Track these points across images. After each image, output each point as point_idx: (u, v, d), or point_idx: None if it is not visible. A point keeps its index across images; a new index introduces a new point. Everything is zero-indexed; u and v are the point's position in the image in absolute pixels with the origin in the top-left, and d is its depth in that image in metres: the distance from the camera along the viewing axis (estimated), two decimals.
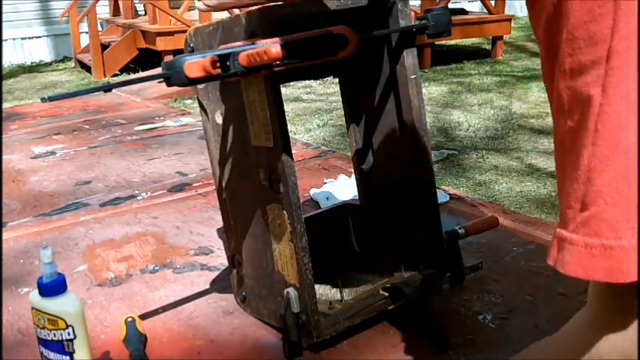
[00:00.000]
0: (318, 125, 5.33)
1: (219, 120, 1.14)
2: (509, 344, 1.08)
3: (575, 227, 0.57)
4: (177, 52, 6.85)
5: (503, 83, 6.65)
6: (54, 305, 0.93)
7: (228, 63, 0.90)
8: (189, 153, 2.36)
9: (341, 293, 1.19)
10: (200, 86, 1.15)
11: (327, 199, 1.75)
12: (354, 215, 1.40)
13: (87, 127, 2.84)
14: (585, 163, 0.55)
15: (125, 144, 2.53)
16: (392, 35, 1.17)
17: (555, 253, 0.59)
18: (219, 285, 1.35)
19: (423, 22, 1.12)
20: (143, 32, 7.61)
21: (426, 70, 7.36)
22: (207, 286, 1.35)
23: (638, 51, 0.59)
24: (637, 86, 0.54)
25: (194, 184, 2.01)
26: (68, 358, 0.94)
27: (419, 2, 7.59)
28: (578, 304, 0.79)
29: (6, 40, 8.76)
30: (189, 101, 6.01)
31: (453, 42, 8.91)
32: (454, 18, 7.19)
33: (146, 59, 7.88)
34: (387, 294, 1.15)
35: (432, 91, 6.40)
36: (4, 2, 8.46)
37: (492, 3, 8.14)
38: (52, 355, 0.95)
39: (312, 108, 5.93)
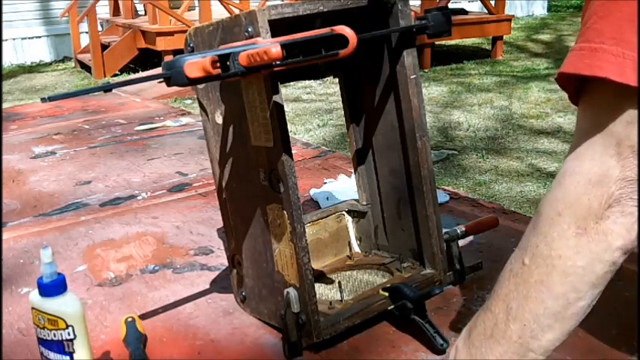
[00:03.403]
0: (318, 125, 5.33)
1: (219, 120, 1.14)
2: None
3: (576, 40, 0.74)
4: (177, 52, 6.85)
5: (503, 83, 6.65)
6: (54, 305, 0.93)
7: (228, 63, 0.90)
8: (189, 153, 2.36)
9: (341, 293, 1.19)
10: (200, 86, 1.15)
11: (327, 199, 1.75)
12: (353, 215, 1.40)
13: (87, 127, 2.84)
14: None
15: (125, 144, 2.53)
16: (392, 35, 1.17)
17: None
18: (219, 285, 1.35)
19: (423, 22, 1.12)
20: (143, 32, 7.61)
21: (426, 70, 7.36)
22: (207, 286, 1.35)
23: (638, 53, 0.63)
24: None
25: (194, 184, 2.01)
26: (68, 358, 0.94)
27: (419, 2, 7.59)
28: None
29: (6, 40, 8.76)
30: (189, 101, 6.01)
31: (453, 42, 8.91)
32: (454, 18, 7.18)
33: (146, 59, 7.88)
34: (387, 294, 1.15)
35: (432, 91, 6.40)
36: (4, 2, 8.46)
37: (492, 3, 8.14)
38: (52, 355, 0.95)
39: (312, 108, 5.93)
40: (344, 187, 1.81)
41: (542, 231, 0.77)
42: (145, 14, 8.11)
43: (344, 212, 1.40)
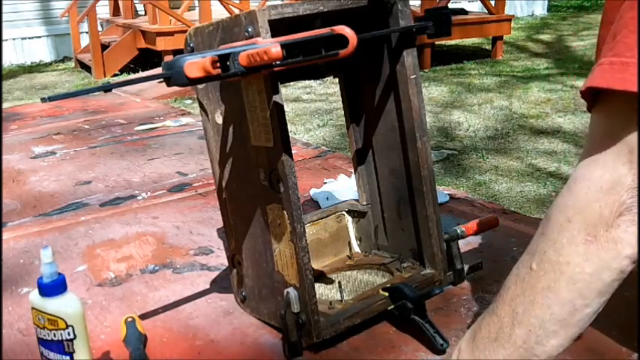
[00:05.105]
0: (318, 125, 5.33)
1: (219, 120, 1.14)
2: None
3: (604, 54, 0.73)
4: (177, 52, 6.85)
5: (503, 83, 6.65)
6: (54, 305, 0.93)
7: (228, 63, 0.90)
8: (189, 153, 2.36)
9: (341, 293, 1.19)
10: (200, 86, 1.15)
11: (327, 199, 1.75)
12: (353, 215, 1.40)
13: (87, 127, 2.84)
14: (622, 7, 0.73)
15: (125, 144, 2.53)
16: (392, 35, 1.17)
17: (585, 82, 0.74)
18: (219, 285, 1.35)
19: (423, 22, 1.12)
20: (143, 32, 7.61)
21: (426, 70, 7.36)
22: (207, 286, 1.35)
23: (638, 46, 0.68)
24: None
25: (194, 184, 2.01)
26: (68, 358, 0.94)
27: (419, 2, 7.59)
28: None
29: (6, 40, 8.76)
30: (189, 101, 6.01)
31: (453, 42, 8.91)
32: (454, 18, 7.19)
33: (146, 59, 7.88)
34: (387, 294, 1.15)
35: (432, 91, 6.40)
36: (4, 2, 8.46)
37: (492, 3, 8.14)
38: (52, 355, 0.95)
39: (312, 108, 5.92)
40: (344, 187, 1.81)
41: (551, 237, 0.76)
42: (145, 14, 8.11)
43: (344, 212, 1.40)
